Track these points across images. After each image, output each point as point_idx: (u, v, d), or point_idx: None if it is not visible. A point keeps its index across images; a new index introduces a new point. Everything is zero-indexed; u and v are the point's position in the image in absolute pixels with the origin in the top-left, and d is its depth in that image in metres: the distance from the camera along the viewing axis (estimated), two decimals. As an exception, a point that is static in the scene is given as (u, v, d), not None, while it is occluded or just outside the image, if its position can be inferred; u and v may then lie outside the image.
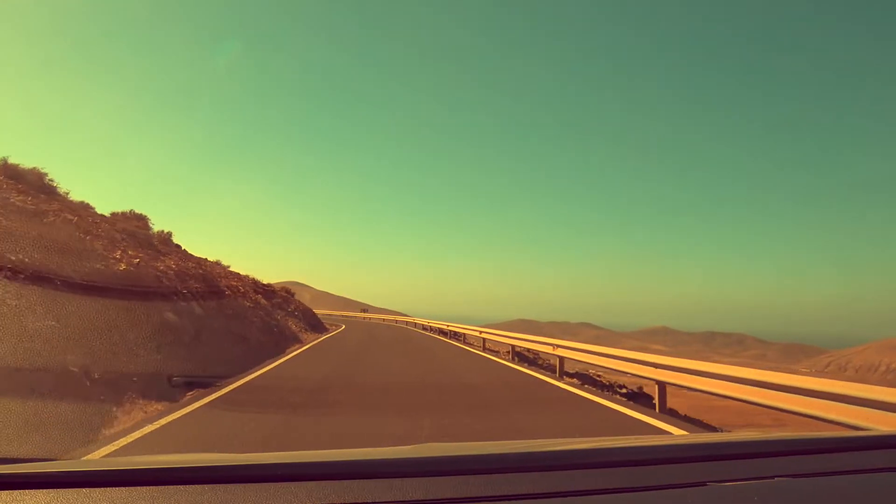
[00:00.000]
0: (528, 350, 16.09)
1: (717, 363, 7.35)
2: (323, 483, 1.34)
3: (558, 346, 11.70)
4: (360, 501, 1.26)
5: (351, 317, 53.72)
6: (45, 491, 1.26)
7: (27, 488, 1.27)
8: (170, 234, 19.67)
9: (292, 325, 27.51)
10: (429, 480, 1.37)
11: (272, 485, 1.32)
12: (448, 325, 26.18)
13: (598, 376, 12.40)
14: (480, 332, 19.19)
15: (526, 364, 15.40)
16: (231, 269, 29.40)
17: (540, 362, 16.35)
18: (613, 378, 12.68)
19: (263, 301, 24.56)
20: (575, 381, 11.69)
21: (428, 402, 7.95)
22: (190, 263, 17.95)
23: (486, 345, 19.27)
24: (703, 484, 1.41)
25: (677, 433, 6.35)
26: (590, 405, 8.49)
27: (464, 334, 23.31)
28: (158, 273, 14.45)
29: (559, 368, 11.77)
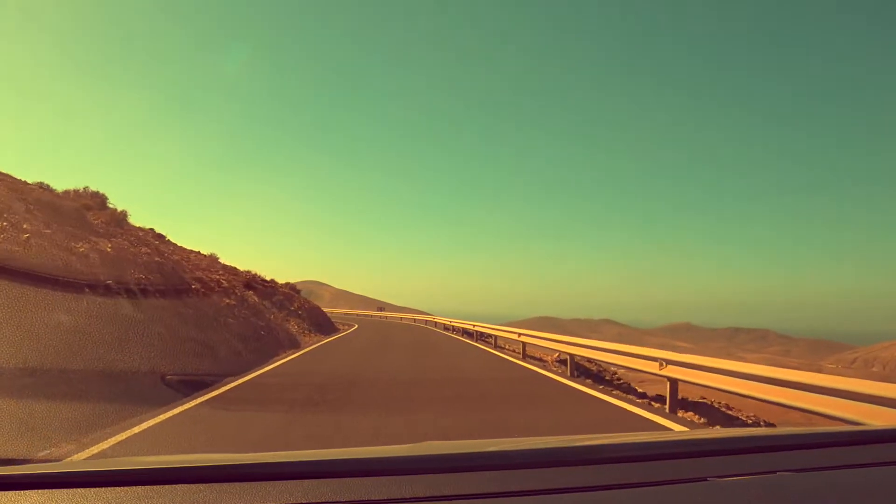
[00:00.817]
0: (589, 360, 11.38)
1: None
2: (318, 481, 1.27)
3: (669, 362, 6.97)
4: (357, 499, 1.20)
5: (368, 316, 49.28)
6: (38, 492, 1.22)
7: (21, 489, 1.23)
8: (124, 213, 15.30)
9: (293, 326, 23.11)
10: (431, 478, 1.32)
11: (268, 483, 1.26)
12: (474, 326, 21.43)
13: (728, 408, 7.68)
14: (519, 335, 14.46)
15: (591, 381, 10.68)
16: (222, 261, 25.12)
17: (607, 377, 11.60)
18: (744, 406, 7.93)
19: (255, 299, 20.14)
20: (695, 417, 7.00)
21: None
22: (143, 249, 13.52)
23: (526, 350, 14.57)
24: (703, 479, 1.34)
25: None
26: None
27: (494, 336, 18.56)
28: (74, 256, 10.03)
29: (670, 398, 7.05)
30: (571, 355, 10.75)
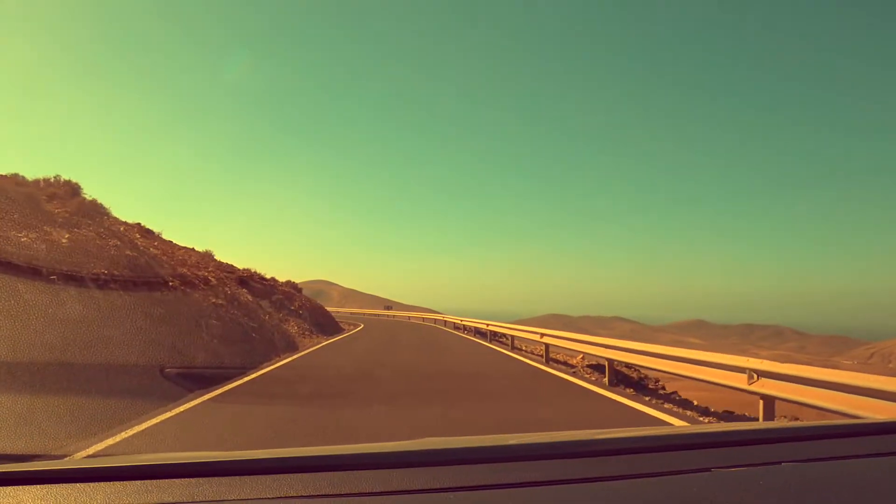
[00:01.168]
0: (629, 365, 9.51)
1: None
2: (318, 474, 1.25)
3: (763, 374, 5.08)
4: (356, 492, 1.17)
5: (376, 315, 47.57)
6: (39, 487, 1.20)
7: (24, 485, 1.21)
8: (94, 202, 13.60)
9: (292, 327, 21.35)
10: (430, 470, 1.30)
11: (268, 476, 1.23)
12: (488, 325, 19.54)
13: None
14: (542, 336, 12.55)
15: (632, 390, 8.82)
16: (218, 259, 23.46)
17: (651, 385, 9.73)
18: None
19: (248, 297, 18.40)
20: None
21: None
22: (112, 242, 11.78)
23: (550, 353, 12.69)
24: (706, 470, 1.33)
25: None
26: None
27: (511, 336, 16.66)
28: (10, 246, 8.29)
29: (764, 416, 5.17)
30: (611, 360, 8.86)
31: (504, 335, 18.90)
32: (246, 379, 9.38)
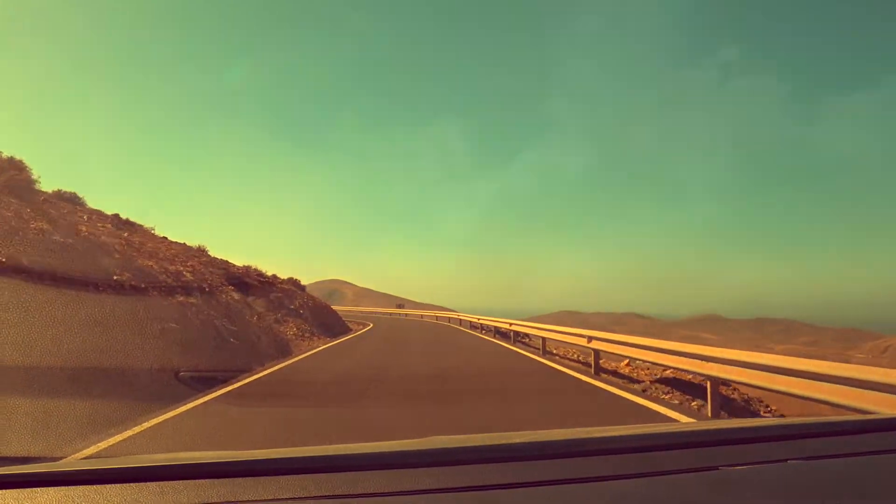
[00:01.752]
0: (724, 381, 6.49)
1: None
2: (330, 475, 1.22)
3: None
4: (368, 492, 1.15)
5: (388, 314, 44.79)
6: (54, 489, 1.16)
7: (36, 487, 1.17)
8: (28, 179, 10.77)
9: (290, 328, 18.51)
10: (440, 470, 1.26)
11: (281, 477, 1.20)
12: (511, 324, 16.49)
13: None
14: (589, 341, 9.52)
15: (737, 418, 5.81)
16: (211, 254, 20.72)
17: (763, 412, 6.69)
18: None
19: (234, 295, 15.56)
20: None
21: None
22: (35, 224, 8.94)
23: (596, 360, 9.65)
24: (714, 468, 1.30)
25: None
26: None
27: (542, 338, 13.57)
28: None
29: None
30: (714, 379, 5.83)
31: (528, 335, 15.93)
32: (196, 402, 6.47)
